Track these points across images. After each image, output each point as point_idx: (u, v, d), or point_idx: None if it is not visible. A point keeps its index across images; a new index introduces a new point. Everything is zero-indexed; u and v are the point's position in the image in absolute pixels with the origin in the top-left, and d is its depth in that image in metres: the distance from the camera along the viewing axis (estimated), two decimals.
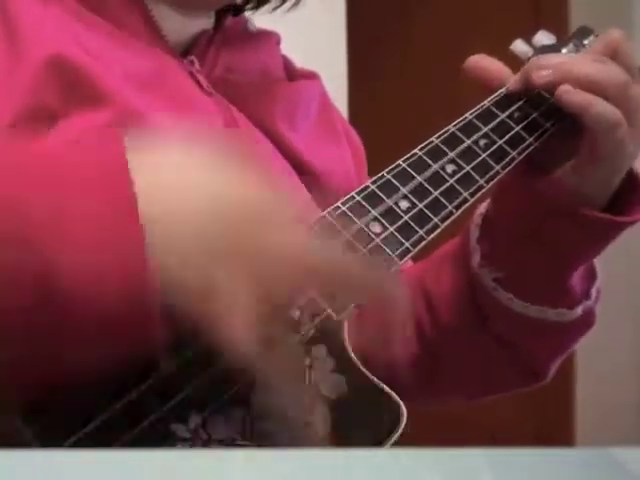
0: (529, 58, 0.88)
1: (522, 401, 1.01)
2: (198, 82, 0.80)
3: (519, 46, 0.90)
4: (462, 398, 1.03)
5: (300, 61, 0.94)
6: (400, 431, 0.64)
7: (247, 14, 0.91)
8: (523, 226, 0.84)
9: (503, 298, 0.86)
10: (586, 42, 0.92)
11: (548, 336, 0.89)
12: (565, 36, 0.93)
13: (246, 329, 0.54)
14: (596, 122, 0.78)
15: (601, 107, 0.77)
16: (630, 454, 0.38)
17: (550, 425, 3.00)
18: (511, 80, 0.83)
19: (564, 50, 0.91)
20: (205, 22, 0.84)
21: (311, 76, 0.93)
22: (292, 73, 0.91)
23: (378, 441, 0.64)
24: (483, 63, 0.84)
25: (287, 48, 0.93)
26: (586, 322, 0.90)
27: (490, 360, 0.92)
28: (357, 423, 0.65)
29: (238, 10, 0.89)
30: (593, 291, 0.89)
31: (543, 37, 0.91)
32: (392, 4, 3.23)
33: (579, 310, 0.88)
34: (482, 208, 0.88)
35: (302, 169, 0.84)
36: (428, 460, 0.37)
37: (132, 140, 0.55)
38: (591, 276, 0.89)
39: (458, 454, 0.37)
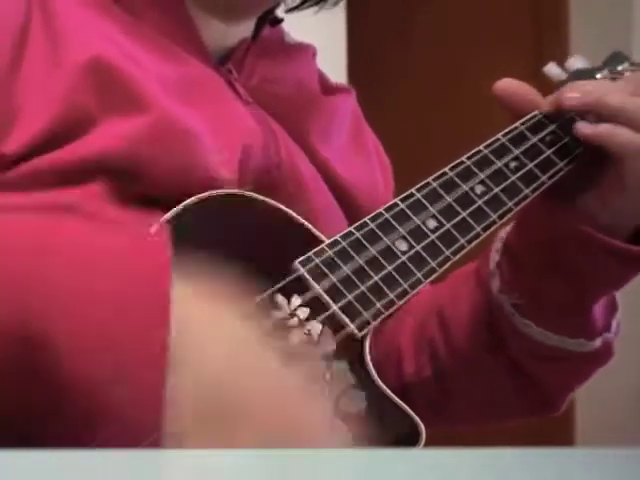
0: (562, 82, 0.87)
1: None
2: (236, 90, 0.80)
3: (552, 69, 0.89)
4: (470, 424, 1.01)
5: None
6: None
7: (281, 20, 0.90)
8: (544, 254, 0.83)
9: (521, 325, 0.85)
10: (620, 68, 0.91)
11: (564, 366, 0.88)
12: (600, 63, 0.91)
13: None
14: (622, 150, 0.77)
15: (626, 135, 0.77)
16: (630, 454, 0.38)
17: (550, 425, 3.00)
18: (542, 103, 0.82)
19: (598, 75, 0.90)
20: (244, 31, 0.84)
21: (345, 90, 0.93)
22: (327, 86, 0.91)
23: None
24: (512, 88, 0.83)
25: None
26: (604, 355, 0.88)
27: (502, 387, 0.90)
28: (375, 439, 0.65)
29: (276, 21, 0.89)
30: (614, 323, 0.88)
31: (577, 61, 0.90)
32: (392, 5, 3.23)
33: (598, 342, 0.86)
34: (503, 232, 0.87)
35: (334, 183, 0.84)
36: (428, 460, 0.37)
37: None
38: (612, 307, 0.88)
39: (458, 454, 0.37)
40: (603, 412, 2.80)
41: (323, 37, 2.04)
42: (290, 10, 0.89)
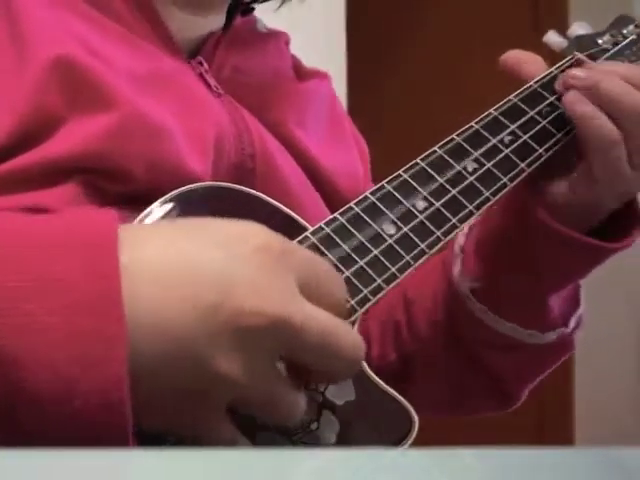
0: (563, 49, 0.86)
1: (522, 406, 1.00)
2: (207, 83, 0.79)
3: (552, 38, 0.88)
4: (429, 412, 1.01)
5: None
6: (412, 439, 0.63)
7: (257, 12, 0.89)
8: (504, 240, 0.82)
9: (477, 310, 0.85)
10: (625, 31, 0.89)
11: (519, 358, 0.87)
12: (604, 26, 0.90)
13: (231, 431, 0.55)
14: (593, 136, 0.76)
15: (602, 123, 0.76)
16: (630, 454, 0.38)
17: (550, 425, 3.00)
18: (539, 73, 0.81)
19: (600, 41, 0.88)
20: (214, 23, 0.83)
21: (321, 76, 0.92)
22: (301, 73, 0.90)
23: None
24: (520, 58, 0.83)
25: None
26: (561, 350, 0.88)
27: (460, 377, 0.90)
28: (366, 430, 0.64)
29: (247, 10, 0.88)
30: (573, 319, 0.87)
31: (578, 27, 0.88)
32: (392, 5, 3.23)
33: (553, 335, 0.85)
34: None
35: (312, 170, 0.83)
36: (428, 460, 0.37)
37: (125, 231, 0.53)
38: (573, 303, 0.87)
39: (457, 454, 0.37)
40: (603, 412, 2.80)
41: (323, 37, 2.04)
42: (255, 1, 0.88)
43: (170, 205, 0.65)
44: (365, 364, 0.65)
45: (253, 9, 0.89)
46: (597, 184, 0.78)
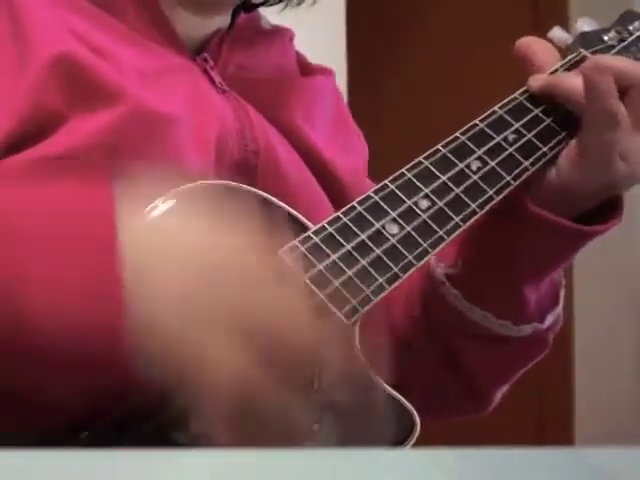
0: (568, 46, 0.86)
1: (521, 401, 1.00)
2: (212, 80, 0.79)
3: (557, 33, 0.87)
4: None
5: None
6: (414, 440, 0.63)
7: (260, 10, 0.89)
8: (482, 225, 0.80)
9: (451, 295, 0.83)
10: (631, 27, 0.89)
11: (492, 351, 0.86)
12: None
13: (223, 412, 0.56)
14: (601, 112, 0.75)
15: (607, 103, 0.75)
16: (630, 454, 0.38)
17: (550, 425, 3.00)
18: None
19: (605, 37, 0.87)
20: (220, 21, 0.83)
21: (326, 72, 0.92)
22: (306, 69, 0.90)
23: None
24: (533, 46, 0.82)
25: None
26: (534, 346, 0.86)
27: (437, 376, 0.89)
28: (368, 431, 0.64)
29: (250, 7, 0.88)
30: (550, 316, 0.85)
31: (584, 24, 0.88)
32: (393, 5, 3.23)
33: (528, 328, 0.84)
34: None
35: (319, 165, 0.83)
36: (427, 460, 0.37)
37: (123, 195, 0.56)
38: (552, 300, 0.85)
39: (457, 454, 0.37)
40: (603, 412, 2.80)
41: (324, 36, 2.04)
42: (256, 6, 0.88)
43: (173, 201, 0.65)
44: (368, 366, 0.65)
45: (257, 6, 0.89)
46: (583, 169, 0.77)
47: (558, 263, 0.82)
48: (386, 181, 0.71)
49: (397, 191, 0.70)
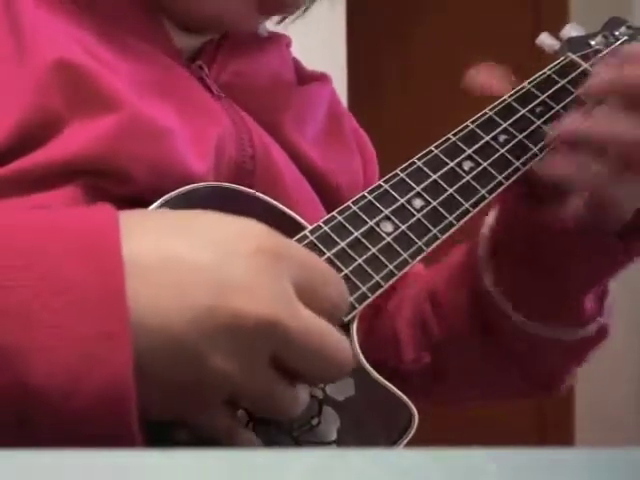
0: (556, 51, 0.87)
1: (521, 401, 1.00)
2: (208, 87, 0.79)
3: (545, 40, 0.88)
4: (461, 405, 1.02)
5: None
6: (411, 435, 0.63)
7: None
8: (528, 250, 0.83)
9: (516, 319, 0.86)
10: (617, 33, 0.90)
11: (562, 353, 0.88)
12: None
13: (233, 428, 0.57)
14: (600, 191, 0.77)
15: (592, 168, 0.75)
16: (630, 454, 0.38)
17: (550, 425, 3.00)
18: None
19: (593, 42, 0.89)
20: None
21: (322, 78, 0.92)
22: (303, 76, 0.91)
23: (389, 445, 0.63)
24: (479, 79, 0.83)
25: None
26: (599, 337, 0.89)
27: (499, 372, 0.91)
28: (366, 427, 0.64)
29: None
30: (606, 306, 0.88)
31: (571, 29, 0.89)
32: (393, 4, 3.23)
33: (594, 327, 0.87)
34: (491, 218, 0.87)
35: (309, 171, 0.84)
36: (427, 459, 0.37)
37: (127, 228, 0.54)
38: (602, 291, 0.88)
39: (457, 454, 0.37)
40: (603, 412, 2.80)
41: (323, 38, 2.04)
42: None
43: (171, 205, 0.66)
44: (364, 360, 0.66)
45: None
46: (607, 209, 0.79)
47: (611, 276, 0.86)
48: (380, 181, 0.72)
49: (391, 191, 0.71)
